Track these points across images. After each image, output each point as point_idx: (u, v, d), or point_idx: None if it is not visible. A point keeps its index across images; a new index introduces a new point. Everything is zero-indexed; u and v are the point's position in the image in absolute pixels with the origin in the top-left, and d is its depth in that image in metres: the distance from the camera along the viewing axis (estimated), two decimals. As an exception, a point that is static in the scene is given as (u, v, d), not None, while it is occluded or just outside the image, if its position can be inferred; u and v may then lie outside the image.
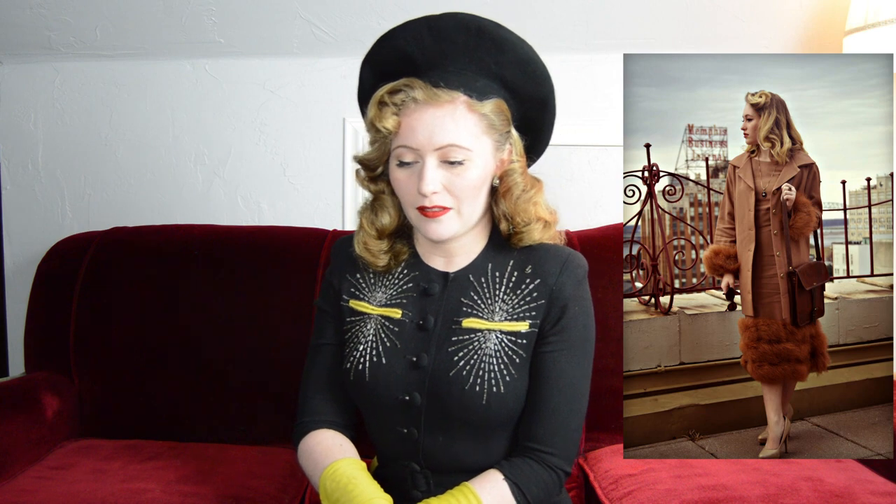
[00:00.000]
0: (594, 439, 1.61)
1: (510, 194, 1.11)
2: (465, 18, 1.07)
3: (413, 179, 1.06)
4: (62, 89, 2.07)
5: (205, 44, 1.98)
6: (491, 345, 1.08)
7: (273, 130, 2.04)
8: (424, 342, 1.11)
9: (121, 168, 2.07)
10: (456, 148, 1.04)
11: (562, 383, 1.08)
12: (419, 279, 1.15)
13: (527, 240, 1.11)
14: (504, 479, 1.05)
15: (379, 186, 1.15)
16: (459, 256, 1.15)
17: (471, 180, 1.06)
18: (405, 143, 1.05)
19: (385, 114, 1.05)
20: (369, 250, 1.14)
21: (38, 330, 1.75)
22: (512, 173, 1.11)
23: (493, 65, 1.08)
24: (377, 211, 1.15)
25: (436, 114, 1.04)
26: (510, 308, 1.10)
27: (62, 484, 1.36)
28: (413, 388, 1.09)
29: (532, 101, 1.13)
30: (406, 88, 1.05)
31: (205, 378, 1.67)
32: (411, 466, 1.11)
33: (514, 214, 1.11)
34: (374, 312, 1.15)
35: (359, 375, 1.11)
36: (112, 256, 1.75)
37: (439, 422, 1.09)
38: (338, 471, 1.05)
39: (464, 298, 1.12)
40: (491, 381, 1.06)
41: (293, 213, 2.04)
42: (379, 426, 1.14)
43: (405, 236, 1.18)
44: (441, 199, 1.05)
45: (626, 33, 1.90)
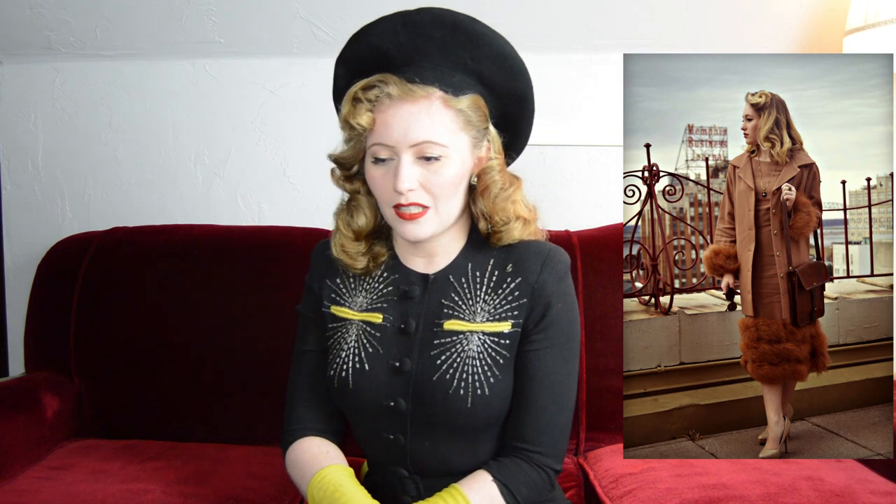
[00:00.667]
0: (594, 439, 1.61)
1: (488, 192, 1.09)
2: (441, 13, 1.05)
3: (389, 177, 1.04)
4: (62, 89, 2.07)
5: (205, 44, 1.98)
6: (473, 347, 1.06)
7: (273, 130, 2.04)
8: (406, 347, 1.09)
9: (121, 168, 2.07)
10: (432, 144, 1.02)
11: (548, 381, 1.07)
12: (399, 282, 1.13)
13: (506, 238, 1.10)
14: (493, 479, 1.04)
15: (354, 186, 1.13)
16: (439, 256, 1.13)
17: (448, 177, 1.04)
18: (380, 141, 1.03)
19: (359, 110, 1.03)
20: (347, 252, 1.13)
21: (38, 330, 1.75)
22: (490, 171, 1.09)
23: (469, 60, 1.06)
24: (353, 212, 1.13)
25: (411, 110, 1.02)
26: (492, 308, 1.08)
27: (62, 484, 1.36)
28: (397, 394, 1.08)
29: (510, 97, 1.11)
30: (380, 84, 1.03)
31: (205, 378, 1.67)
32: (399, 472, 1.11)
33: (493, 213, 1.09)
34: (355, 318, 1.13)
35: (342, 383, 1.10)
36: (112, 256, 1.75)
37: (425, 427, 1.08)
38: (325, 478, 1.05)
39: (444, 300, 1.10)
40: (475, 383, 1.04)
41: (293, 213, 2.03)
42: (365, 432, 1.14)
43: (383, 237, 1.17)
44: (417, 196, 1.04)
45: (626, 33, 1.90)
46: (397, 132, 1.02)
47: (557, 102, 1.95)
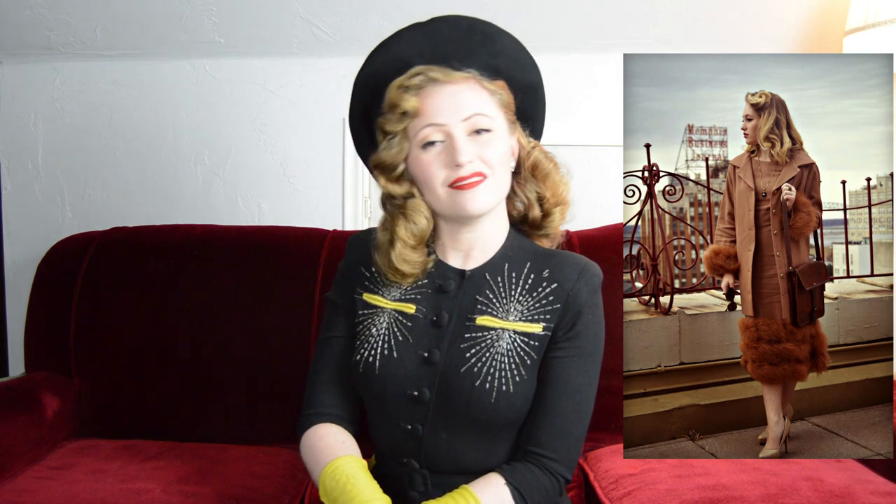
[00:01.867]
0: (594, 439, 1.61)
1: (540, 170, 1.14)
2: (454, 18, 1.12)
3: (442, 156, 1.07)
4: (62, 89, 2.07)
5: (205, 44, 1.98)
6: (504, 344, 1.08)
7: (273, 130, 2.04)
8: (437, 338, 1.10)
9: (121, 168, 2.07)
10: (482, 116, 1.07)
11: (570, 389, 1.08)
12: (435, 276, 1.14)
13: (551, 227, 1.15)
14: (506, 483, 1.04)
15: (404, 188, 1.12)
16: (477, 252, 1.14)
17: (499, 150, 1.08)
18: (431, 121, 1.07)
19: (406, 96, 1.07)
20: (409, 262, 1.12)
21: (38, 330, 1.75)
22: (535, 152, 1.14)
23: (487, 56, 1.12)
24: (411, 216, 1.11)
25: (455, 89, 1.07)
26: (525, 309, 1.10)
27: (62, 484, 1.36)
28: (423, 384, 1.08)
29: (525, 90, 1.16)
30: (423, 72, 1.08)
31: (205, 378, 1.67)
32: (410, 464, 1.11)
33: (546, 193, 1.14)
34: (387, 306, 1.14)
35: (368, 368, 1.10)
36: (112, 256, 1.75)
37: (445, 419, 1.08)
38: (338, 469, 1.05)
39: (479, 296, 1.12)
40: (502, 379, 1.06)
41: (293, 213, 2.04)
42: (382, 421, 1.14)
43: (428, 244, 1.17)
44: (476, 166, 1.06)
45: (626, 33, 1.90)
46: (448, 110, 1.06)
47: (557, 102, 1.94)
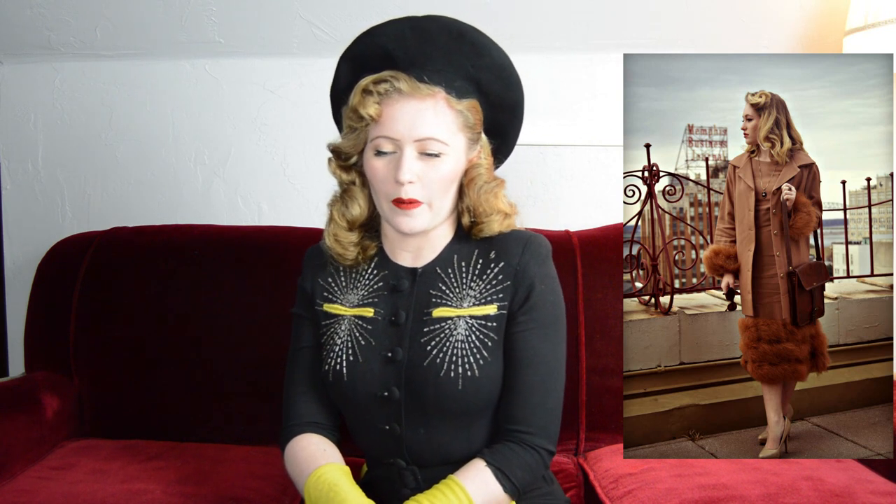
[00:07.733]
0: (594, 439, 1.61)
1: (473, 185, 1.13)
2: (447, 21, 1.12)
3: (390, 168, 1.08)
4: (62, 89, 2.07)
5: (205, 44, 1.98)
6: (461, 331, 1.10)
7: (273, 130, 2.04)
8: (398, 337, 1.12)
9: (121, 168, 2.07)
10: (434, 141, 1.07)
11: (535, 361, 1.10)
12: (388, 277, 1.17)
13: (486, 231, 1.14)
14: (486, 465, 1.06)
15: (350, 176, 1.16)
16: (426, 251, 1.16)
17: (444, 174, 1.08)
18: (385, 133, 1.07)
19: (368, 101, 1.07)
20: (339, 242, 1.16)
21: (38, 330, 1.75)
22: (477, 167, 1.14)
23: (471, 68, 1.12)
24: (347, 202, 1.17)
25: (418, 106, 1.07)
26: (478, 293, 1.12)
27: (62, 484, 1.36)
28: (391, 383, 1.10)
29: (503, 107, 1.17)
30: (391, 79, 1.07)
31: (205, 378, 1.67)
32: (398, 464, 1.13)
33: (477, 205, 1.13)
34: (347, 313, 1.17)
35: (337, 376, 1.13)
36: (112, 256, 1.75)
37: (419, 414, 1.10)
38: (320, 478, 1.07)
39: (433, 290, 1.14)
40: (464, 366, 1.08)
41: (293, 213, 2.03)
42: (361, 426, 1.16)
43: (374, 231, 1.20)
44: (415, 190, 1.07)
45: (626, 33, 1.90)
46: (403, 126, 1.06)
47: (558, 102, 1.95)
